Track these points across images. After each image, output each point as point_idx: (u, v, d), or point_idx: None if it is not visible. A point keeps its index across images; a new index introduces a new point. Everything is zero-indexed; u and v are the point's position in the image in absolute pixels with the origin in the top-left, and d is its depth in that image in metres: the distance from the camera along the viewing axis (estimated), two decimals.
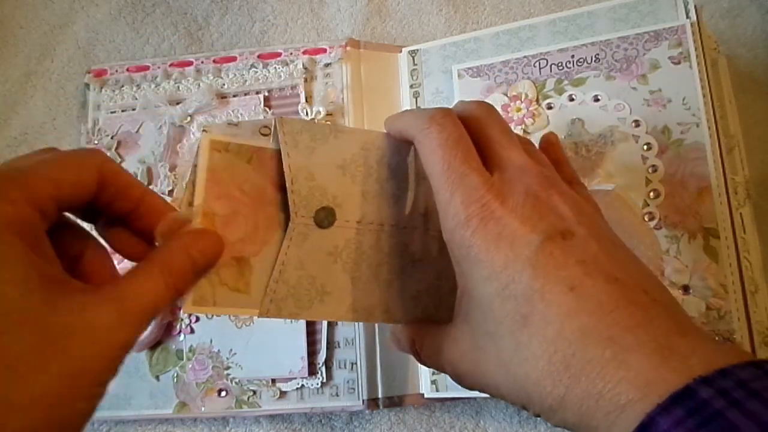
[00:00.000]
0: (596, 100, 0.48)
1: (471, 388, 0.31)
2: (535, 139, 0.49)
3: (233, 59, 0.56)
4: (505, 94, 0.51)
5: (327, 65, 0.55)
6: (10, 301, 0.22)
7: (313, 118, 0.52)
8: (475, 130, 0.31)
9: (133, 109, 0.55)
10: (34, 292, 0.23)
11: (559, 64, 0.50)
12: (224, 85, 0.55)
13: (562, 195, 0.29)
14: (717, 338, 0.42)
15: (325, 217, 0.33)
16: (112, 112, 0.56)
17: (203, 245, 0.29)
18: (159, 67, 0.56)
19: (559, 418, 0.26)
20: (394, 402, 0.49)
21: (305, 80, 0.54)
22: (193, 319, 0.50)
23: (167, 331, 0.50)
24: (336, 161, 0.34)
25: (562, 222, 0.28)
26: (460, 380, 0.31)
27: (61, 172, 0.26)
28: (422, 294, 0.35)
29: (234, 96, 0.55)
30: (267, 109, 0.54)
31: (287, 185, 0.32)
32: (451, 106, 0.33)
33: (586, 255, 0.27)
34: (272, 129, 0.33)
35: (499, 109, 0.50)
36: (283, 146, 0.33)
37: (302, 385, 0.48)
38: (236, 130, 0.33)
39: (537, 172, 0.30)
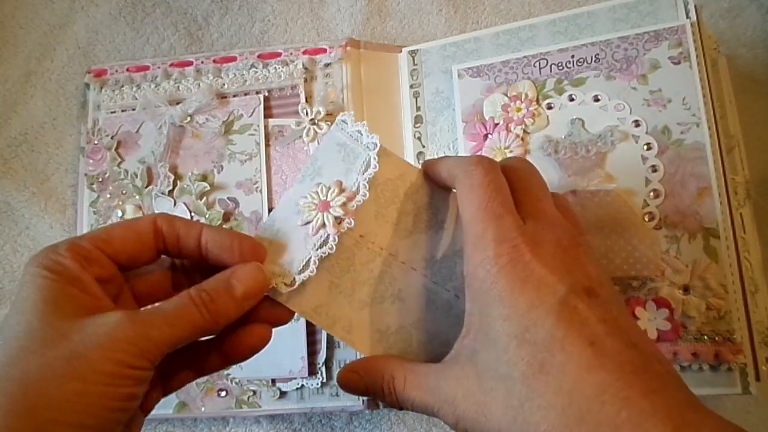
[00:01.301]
0: (596, 100, 0.48)
1: None
2: (535, 139, 0.49)
3: (233, 59, 0.56)
4: (505, 94, 0.51)
5: (327, 65, 0.55)
6: (28, 322, 0.27)
7: (313, 118, 0.52)
8: (514, 181, 0.33)
9: (133, 109, 0.55)
10: (53, 307, 0.27)
11: (559, 64, 0.50)
12: (224, 85, 0.54)
13: (588, 254, 0.31)
14: (717, 338, 0.42)
15: None
16: (112, 112, 0.56)
17: (242, 274, 0.32)
18: (159, 67, 0.56)
19: None
20: None
21: (305, 80, 0.54)
22: None
23: None
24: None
25: (587, 280, 0.29)
26: (457, 422, 0.30)
27: (112, 229, 0.31)
28: (396, 331, 0.36)
29: (234, 96, 0.54)
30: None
31: None
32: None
33: (607, 315, 0.28)
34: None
35: (499, 109, 0.50)
36: None
37: (302, 385, 0.48)
38: None
39: (567, 227, 0.31)
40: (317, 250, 0.34)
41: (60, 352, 0.26)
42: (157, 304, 0.30)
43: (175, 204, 0.52)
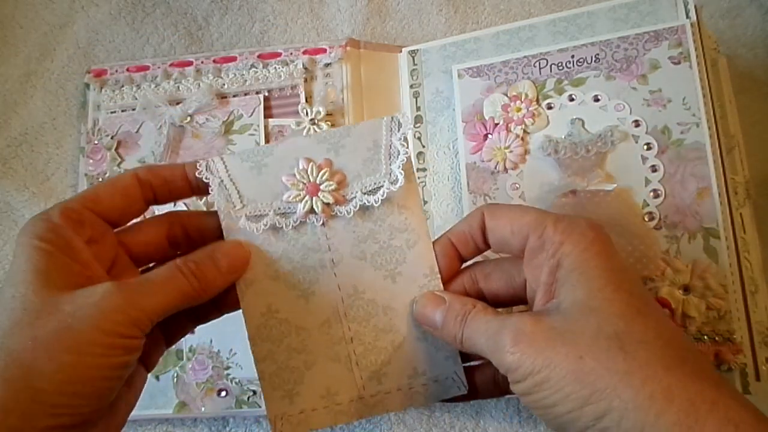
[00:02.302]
0: (596, 100, 0.48)
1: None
2: (535, 139, 0.49)
3: (233, 59, 0.56)
4: (505, 94, 0.51)
5: (327, 65, 0.55)
6: (21, 295, 0.28)
7: (313, 118, 0.52)
8: None
9: (133, 109, 0.55)
10: (44, 278, 0.28)
11: (559, 64, 0.50)
12: (224, 85, 0.54)
13: None
14: (717, 338, 0.42)
15: None
16: (112, 112, 0.56)
17: (225, 248, 0.33)
18: (159, 67, 0.56)
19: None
20: None
21: (305, 80, 0.54)
22: None
23: None
24: None
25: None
26: (521, 362, 0.29)
27: (98, 188, 0.32)
28: (279, 320, 0.35)
29: (234, 96, 0.54)
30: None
31: None
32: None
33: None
34: None
35: (499, 109, 0.50)
36: None
37: None
38: None
39: None
40: (276, 215, 0.34)
41: (51, 324, 0.27)
42: (145, 274, 0.31)
43: (174, 204, 0.52)
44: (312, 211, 0.34)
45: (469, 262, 0.36)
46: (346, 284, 0.35)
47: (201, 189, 0.34)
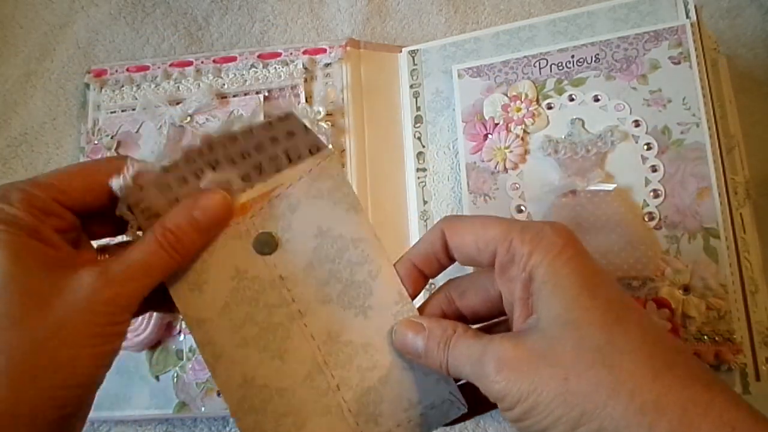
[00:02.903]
0: (596, 100, 0.48)
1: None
2: (535, 139, 0.49)
3: (233, 59, 0.56)
4: (505, 94, 0.51)
5: (327, 65, 0.55)
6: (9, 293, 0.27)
7: (313, 118, 0.52)
8: None
9: (133, 109, 0.55)
10: (22, 266, 0.27)
11: (559, 64, 0.50)
12: (224, 85, 0.54)
13: None
14: (717, 338, 0.42)
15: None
16: (112, 112, 0.56)
17: (205, 203, 0.31)
18: (159, 67, 0.56)
19: None
20: None
21: (305, 80, 0.54)
22: None
23: (167, 330, 0.50)
24: None
25: None
26: (508, 384, 0.28)
27: (69, 177, 0.30)
28: (259, 387, 0.33)
29: (234, 96, 0.54)
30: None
31: None
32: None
33: None
34: None
35: (499, 109, 0.50)
36: None
37: None
38: None
39: None
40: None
41: (45, 322, 0.27)
42: (125, 254, 0.29)
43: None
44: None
45: (441, 281, 0.35)
46: (319, 332, 0.33)
47: None
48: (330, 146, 0.33)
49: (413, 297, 0.34)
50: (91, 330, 0.27)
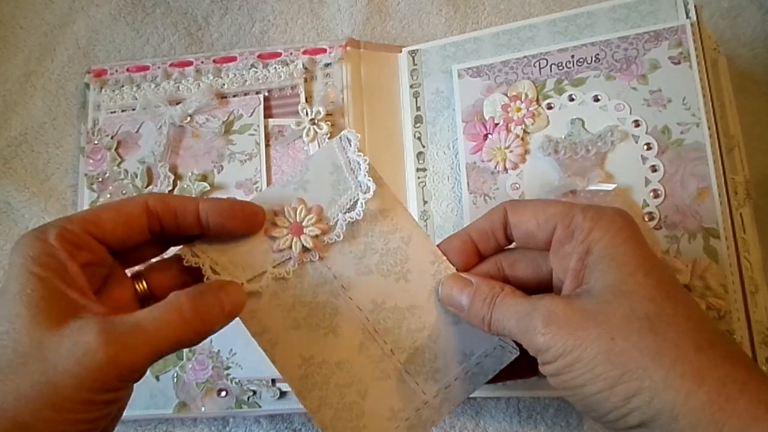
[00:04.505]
0: (596, 100, 0.48)
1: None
2: (535, 139, 0.49)
3: (233, 59, 0.56)
4: (505, 94, 0.51)
5: (327, 65, 0.55)
6: (14, 331, 0.26)
7: (313, 118, 0.52)
8: None
9: (133, 109, 0.55)
10: (37, 321, 0.26)
11: (559, 64, 0.50)
12: (224, 85, 0.54)
13: None
14: None
15: None
16: (112, 112, 0.56)
17: (232, 291, 0.31)
18: (159, 67, 0.56)
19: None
20: None
21: (305, 80, 0.54)
22: None
23: None
24: None
25: None
26: (552, 340, 0.29)
27: (102, 211, 0.30)
28: (318, 363, 0.35)
29: (234, 96, 0.54)
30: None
31: None
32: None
33: None
34: None
35: (499, 109, 0.50)
36: None
37: None
38: None
39: None
40: (274, 267, 0.34)
41: (35, 376, 0.25)
42: (141, 313, 0.28)
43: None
44: (305, 249, 0.34)
45: None
46: (364, 302, 0.35)
47: (211, 228, 0.33)
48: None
49: (464, 270, 0.36)
50: (79, 395, 0.26)
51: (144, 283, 0.33)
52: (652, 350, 0.27)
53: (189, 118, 0.54)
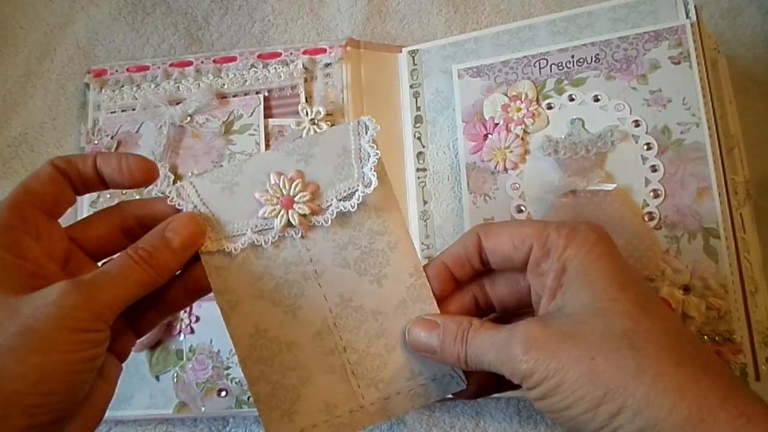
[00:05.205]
0: (596, 100, 0.48)
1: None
2: (535, 139, 0.49)
3: (233, 59, 0.56)
4: (505, 94, 0.51)
5: (327, 65, 0.55)
6: None
7: (313, 118, 0.52)
8: None
9: (133, 109, 0.55)
10: (5, 290, 0.28)
11: (559, 64, 0.50)
12: (224, 85, 0.54)
13: None
14: (717, 338, 0.42)
15: None
16: (112, 112, 0.56)
17: (176, 225, 0.32)
18: (159, 67, 0.56)
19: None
20: None
21: (305, 80, 0.54)
22: (193, 319, 0.50)
23: (167, 331, 0.50)
24: None
25: None
26: (534, 366, 0.29)
27: (25, 184, 0.31)
28: (270, 339, 0.35)
29: (234, 96, 0.54)
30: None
31: None
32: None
33: None
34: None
35: (499, 109, 0.50)
36: None
37: None
38: None
39: None
40: (254, 233, 0.33)
41: (14, 328, 0.27)
42: (100, 268, 0.31)
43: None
44: (289, 224, 0.34)
45: None
46: (332, 294, 0.34)
47: (114, 182, 0.33)
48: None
49: (441, 298, 0.35)
50: (62, 335, 0.27)
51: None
52: (632, 368, 0.27)
53: (189, 118, 0.54)
